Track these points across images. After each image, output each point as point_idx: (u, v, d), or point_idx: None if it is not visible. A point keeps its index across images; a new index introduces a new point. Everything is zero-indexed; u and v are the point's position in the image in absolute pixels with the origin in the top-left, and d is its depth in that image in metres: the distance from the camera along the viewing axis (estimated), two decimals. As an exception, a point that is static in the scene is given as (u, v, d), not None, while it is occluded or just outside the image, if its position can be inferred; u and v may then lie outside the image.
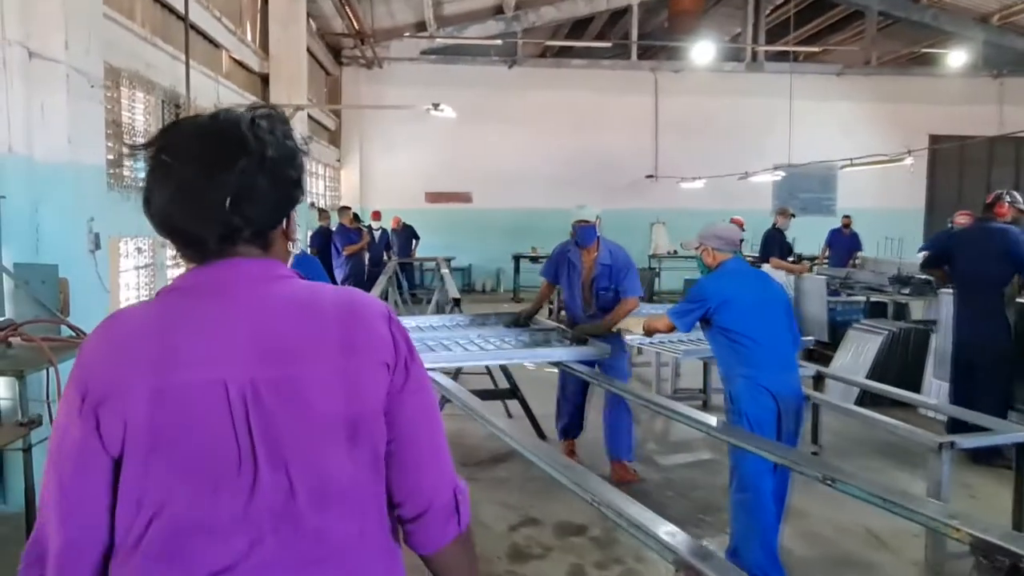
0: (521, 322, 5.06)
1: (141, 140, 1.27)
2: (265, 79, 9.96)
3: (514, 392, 5.50)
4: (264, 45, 9.95)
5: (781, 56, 17.67)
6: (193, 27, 7.23)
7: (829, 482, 2.54)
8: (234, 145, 1.05)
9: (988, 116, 16.70)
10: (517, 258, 14.90)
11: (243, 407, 1.01)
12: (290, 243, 1.18)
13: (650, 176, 16.41)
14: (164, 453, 1.00)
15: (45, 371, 3.40)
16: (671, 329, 3.68)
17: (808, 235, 14.74)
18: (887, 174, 13.97)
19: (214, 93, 7.92)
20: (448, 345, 4.50)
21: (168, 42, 6.68)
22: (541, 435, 5.28)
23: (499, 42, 15.29)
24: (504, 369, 5.56)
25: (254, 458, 1.01)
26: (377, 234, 12.14)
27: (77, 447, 1.02)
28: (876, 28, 16.37)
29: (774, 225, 7.86)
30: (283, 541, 1.01)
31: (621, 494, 2.39)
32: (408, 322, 4.76)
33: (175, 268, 6.86)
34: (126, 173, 5.73)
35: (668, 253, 15.72)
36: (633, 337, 5.98)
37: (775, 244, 7.89)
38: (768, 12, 16.44)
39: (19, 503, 3.82)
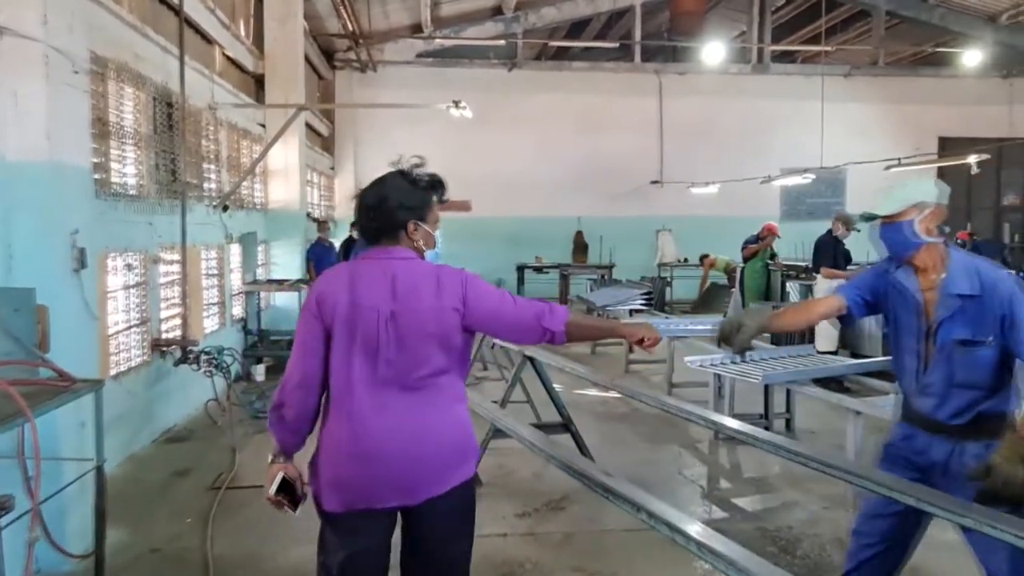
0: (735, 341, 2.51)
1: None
2: (260, 80, 9.22)
3: (567, 426, 4.80)
4: (259, 44, 9.22)
5: (786, 56, 17.23)
6: (185, 19, 6.51)
7: None
8: (376, 187, 2.13)
9: (997, 117, 16.33)
10: (521, 268, 14.20)
11: (384, 322, 2.02)
12: (416, 242, 2.13)
13: (655, 182, 15.81)
14: (349, 337, 2.03)
15: (20, 428, 2.65)
16: None
17: (812, 241, 14.22)
18: (898, 178, 13.44)
19: (208, 92, 7.18)
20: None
21: (158, 32, 5.94)
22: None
23: (502, 43, 14.63)
24: (554, 399, 4.87)
25: (388, 347, 2.02)
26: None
27: (310, 326, 2.06)
28: (883, 28, 15.94)
29: (829, 232, 7.26)
30: (401, 388, 2.04)
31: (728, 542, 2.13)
32: None
33: (168, 288, 6.11)
34: (114, 179, 4.98)
35: (678, 261, 15.10)
36: (696, 358, 5.35)
37: (828, 253, 7.29)
38: (772, 11, 15.95)
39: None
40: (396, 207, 2.06)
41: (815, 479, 4.10)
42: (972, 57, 14.30)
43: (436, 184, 2.14)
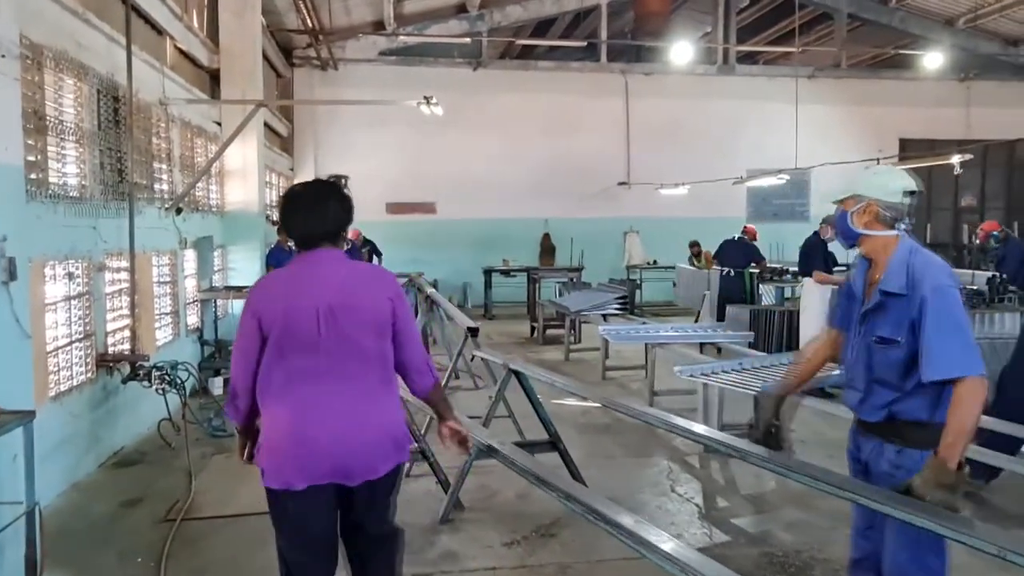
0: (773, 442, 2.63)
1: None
2: (215, 75, 8.71)
3: (555, 444, 4.48)
4: (213, 37, 8.71)
5: (749, 58, 17.23)
6: (133, 7, 6.03)
7: None
8: (327, 192, 2.43)
9: (955, 119, 16.56)
10: (488, 272, 13.82)
11: (323, 317, 2.26)
12: (344, 243, 2.46)
13: (623, 183, 15.62)
14: (287, 337, 2.25)
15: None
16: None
17: (782, 242, 14.19)
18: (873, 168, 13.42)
19: (159, 86, 6.69)
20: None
21: (103, 20, 5.46)
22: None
23: (467, 41, 14.27)
24: (541, 416, 4.55)
25: (327, 339, 2.26)
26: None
27: (249, 334, 2.29)
28: (845, 30, 16.03)
29: (816, 234, 7.09)
30: (338, 377, 2.27)
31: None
32: None
33: (115, 297, 5.62)
34: (52, 178, 4.50)
35: (647, 264, 14.92)
36: (687, 367, 5.09)
37: (818, 256, 7.11)
38: (737, 12, 15.91)
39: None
40: (346, 215, 2.39)
41: (815, 495, 3.86)
42: (933, 60, 14.42)
43: None
